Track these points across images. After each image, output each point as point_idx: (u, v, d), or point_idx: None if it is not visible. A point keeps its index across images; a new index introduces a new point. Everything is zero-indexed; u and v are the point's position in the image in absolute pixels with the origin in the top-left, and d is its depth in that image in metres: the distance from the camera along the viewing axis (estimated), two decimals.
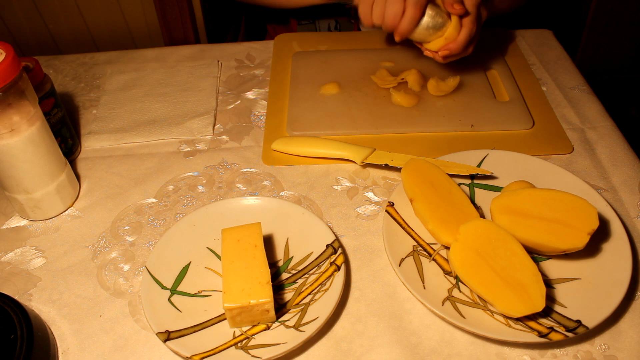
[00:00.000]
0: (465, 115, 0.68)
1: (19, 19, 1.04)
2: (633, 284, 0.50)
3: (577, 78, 0.77)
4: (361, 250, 0.55)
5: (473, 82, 0.73)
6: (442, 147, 0.65)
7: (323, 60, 0.79)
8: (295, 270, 0.52)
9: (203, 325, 0.47)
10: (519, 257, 0.46)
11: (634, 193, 0.60)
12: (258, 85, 0.78)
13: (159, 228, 0.58)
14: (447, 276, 0.51)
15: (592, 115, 0.70)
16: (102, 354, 0.48)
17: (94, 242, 0.57)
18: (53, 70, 0.83)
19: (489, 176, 0.59)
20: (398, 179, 0.62)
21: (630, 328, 0.48)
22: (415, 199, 0.53)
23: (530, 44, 0.84)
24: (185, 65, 0.82)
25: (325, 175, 0.63)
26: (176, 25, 1.04)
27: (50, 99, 0.62)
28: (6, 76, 0.49)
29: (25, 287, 0.53)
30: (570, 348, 0.47)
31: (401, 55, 0.79)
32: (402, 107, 0.70)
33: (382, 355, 0.47)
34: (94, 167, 0.66)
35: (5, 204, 0.62)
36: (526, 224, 0.49)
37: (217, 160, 0.66)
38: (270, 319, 0.47)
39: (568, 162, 0.64)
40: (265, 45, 0.86)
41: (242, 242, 0.49)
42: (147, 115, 0.73)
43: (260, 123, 0.71)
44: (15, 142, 0.52)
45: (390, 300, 0.51)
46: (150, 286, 0.49)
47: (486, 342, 0.47)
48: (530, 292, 0.44)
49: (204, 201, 0.61)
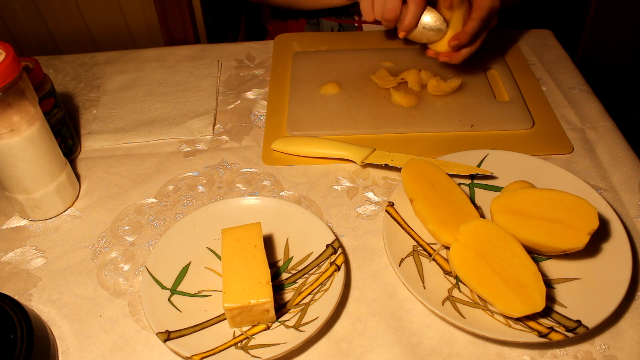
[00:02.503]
0: (465, 115, 0.68)
1: (19, 19, 1.04)
2: (633, 284, 0.50)
3: (577, 78, 0.77)
4: (361, 250, 0.55)
5: (473, 82, 0.73)
6: (442, 147, 0.65)
7: (323, 60, 0.79)
8: (295, 270, 0.52)
9: (203, 325, 0.47)
10: (519, 257, 0.46)
11: (634, 193, 0.60)
12: (258, 85, 0.78)
13: (159, 228, 0.58)
14: (447, 276, 0.51)
15: (592, 115, 0.70)
16: (102, 354, 0.48)
17: (94, 242, 0.57)
18: (53, 70, 0.83)
19: (489, 176, 0.59)
20: (398, 179, 0.62)
21: (630, 328, 0.48)
22: (415, 199, 0.53)
23: (530, 44, 0.84)
24: (185, 65, 0.82)
25: (325, 175, 0.63)
26: (176, 25, 1.04)
27: (50, 99, 0.62)
28: (6, 76, 0.49)
29: (25, 287, 0.53)
30: (570, 348, 0.47)
31: (401, 55, 0.79)
32: (402, 107, 0.70)
33: (382, 355, 0.47)
34: (94, 167, 0.66)
35: (5, 204, 0.62)
36: (526, 224, 0.49)
37: (217, 160, 0.66)
38: (270, 319, 0.47)
39: (568, 162, 0.64)
40: (265, 45, 0.86)
41: (242, 242, 0.49)
42: (147, 115, 0.73)
43: (260, 123, 0.71)
44: (15, 142, 0.52)
45: (390, 300, 0.51)
46: (150, 286, 0.49)
47: (486, 342, 0.47)
48: (530, 292, 0.44)
49: (204, 201, 0.61)
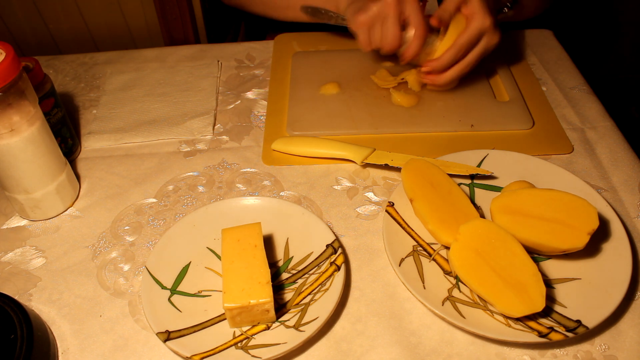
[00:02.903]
0: (465, 115, 0.68)
1: (19, 19, 1.04)
2: (633, 284, 0.50)
3: (577, 78, 0.77)
4: (361, 250, 0.55)
5: (473, 82, 0.73)
6: (442, 147, 0.65)
7: (323, 60, 0.79)
8: (295, 270, 0.52)
9: (203, 325, 0.47)
10: (519, 257, 0.46)
11: (634, 193, 0.60)
12: (258, 85, 0.78)
13: (159, 228, 0.58)
14: (447, 276, 0.51)
15: (592, 115, 0.70)
16: (102, 354, 0.48)
17: (94, 242, 0.57)
18: (53, 70, 0.83)
19: (489, 176, 0.59)
20: (398, 179, 0.62)
21: (630, 328, 0.48)
22: (415, 199, 0.53)
23: (530, 44, 0.84)
24: (185, 65, 0.82)
25: (325, 175, 0.63)
26: (176, 25, 1.04)
27: (50, 99, 0.62)
28: (6, 76, 0.49)
29: (25, 287, 0.53)
30: (570, 348, 0.47)
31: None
32: (402, 107, 0.70)
33: (382, 355, 0.47)
34: (94, 167, 0.66)
35: (5, 204, 0.62)
36: (526, 224, 0.49)
37: (217, 160, 0.66)
38: (270, 319, 0.47)
39: (568, 162, 0.64)
40: (265, 45, 0.86)
41: (242, 242, 0.49)
42: (147, 115, 0.73)
43: (260, 123, 0.71)
44: (15, 142, 0.52)
45: (390, 300, 0.51)
46: (150, 286, 0.49)
47: (486, 342, 0.47)
48: (530, 292, 0.44)
49: (204, 201, 0.61)
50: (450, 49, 0.63)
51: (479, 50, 0.64)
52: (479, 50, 0.64)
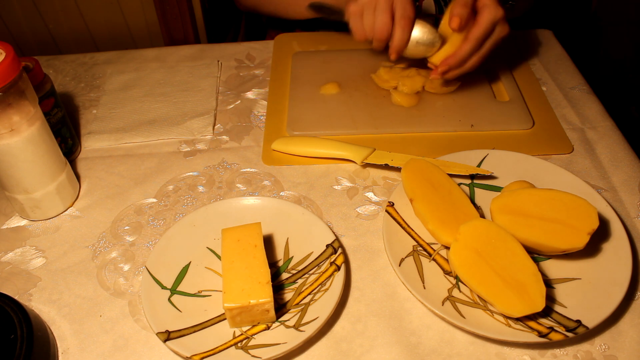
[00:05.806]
0: (465, 115, 0.68)
1: (19, 19, 1.04)
2: (633, 284, 0.50)
3: (577, 78, 0.77)
4: (361, 250, 0.55)
5: (473, 82, 0.73)
6: (442, 147, 0.65)
7: (323, 60, 0.79)
8: (295, 270, 0.52)
9: (203, 325, 0.47)
10: (519, 257, 0.46)
11: (634, 193, 0.60)
12: (258, 85, 0.78)
13: (159, 228, 0.58)
14: (447, 276, 0.51)
15: (592, 115, 0.70)
16: (102, 354, 0.48)
17: (94, 242, 0.57)
18: (53, 70, 0.83)
19: (489, 176, 0.59)
20: (398, 179, 0.62)
21: (630, 328, 0.48)
22: (415, 199, 0.53)
23: (530, 44, 0.84)
24: (185, 65, 0.82)
25: (325, 175, 0.63)
26: (176, 25, 1.04)
27: (50, 99, 0.62)
28: (6, 76, 0.49)
29: (25, 287, 0.53)
30: (570, 348, 0.47)
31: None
32: (402, 107, 0.70)
33: (382, 355, 0.47)
34: (94, 167, 0.66)
35: (5, 204, 0.62)
36: (526, 224, 0.49)
37: (217, 160, 0.66)
38: (270, 319, 0.47)
39: (568, 162, 0.64)
40: (265, 45, 0.86)
41: (242, 242, 0.49)
42: (147, 115, 0.73)
43: (260, 123, 0.71)
44: (15, 142, 0.52)
45: (390, 300, 0.51)
46: (150, 286, 0.49)
47: (486, 342, 0.47)
48: (530, 292, 0.44)
49: (204, 201, 0.61)
50: (466, 43, 0.62)
51: (493, 41, 0.64)
52: (493, 40, 0.64)
